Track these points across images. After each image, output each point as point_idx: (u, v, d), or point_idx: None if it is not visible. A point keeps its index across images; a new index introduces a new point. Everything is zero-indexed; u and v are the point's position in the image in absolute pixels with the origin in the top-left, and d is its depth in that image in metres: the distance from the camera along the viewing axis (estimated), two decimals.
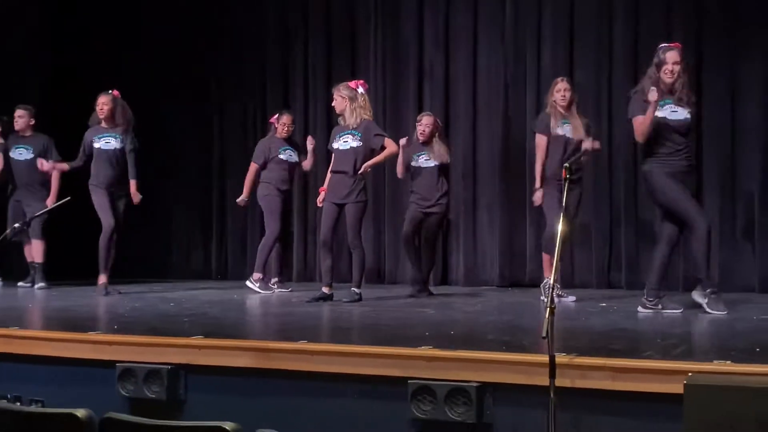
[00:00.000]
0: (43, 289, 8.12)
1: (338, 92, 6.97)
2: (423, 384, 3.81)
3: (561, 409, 3.48)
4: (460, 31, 8.92)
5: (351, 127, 6.91)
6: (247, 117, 9.91)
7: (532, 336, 4.50)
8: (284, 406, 4.15)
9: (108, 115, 7.65)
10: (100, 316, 5.71)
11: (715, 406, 3.25)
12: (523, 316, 5.89)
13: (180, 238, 10.15)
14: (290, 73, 9.71)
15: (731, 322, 5.35)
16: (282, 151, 8.05)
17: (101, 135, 7.68)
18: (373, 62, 9.27)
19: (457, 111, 8.90)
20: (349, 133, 6.92)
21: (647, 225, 7.97)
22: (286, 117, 8.17)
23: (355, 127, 6.90)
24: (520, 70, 8.66)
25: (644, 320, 5.55)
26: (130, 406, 4.26)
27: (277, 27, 9.77)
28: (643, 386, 3.57)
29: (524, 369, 3.75)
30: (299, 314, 6.03)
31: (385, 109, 9.17)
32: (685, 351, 4.03)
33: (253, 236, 9.73)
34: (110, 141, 7.66)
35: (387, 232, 9.13)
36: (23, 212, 8.21)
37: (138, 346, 4.50)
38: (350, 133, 6.92)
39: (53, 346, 4.68)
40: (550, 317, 3.44)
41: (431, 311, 6.17)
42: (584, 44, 8.42)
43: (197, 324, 5.35)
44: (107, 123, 7.69)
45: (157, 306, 6.58)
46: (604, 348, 4.20)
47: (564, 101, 6.88)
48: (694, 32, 8.00)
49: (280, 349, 4.26)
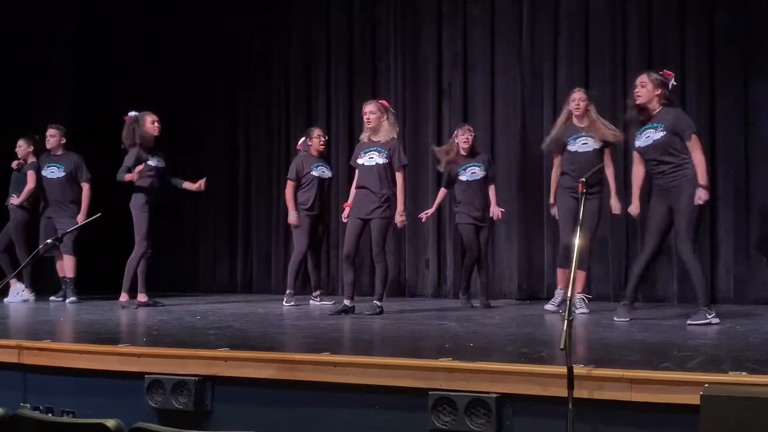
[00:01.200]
0: (74, 303, 8.26)
1: (375, 106, 7.04)
2: (443, 395, 3.86)
3: (579, 420, 3.52)
4: (478, 50, 9.05)
5: (380, 143, 7.00)
6: (272, 134, 10.06)
7: (550, 348, 4.55)
8: (307, 417, 4.22)
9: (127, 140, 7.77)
10: (129, 329, 5.81)
11: (731, 417, 3.28)
12: (541, 328, 5.94)
13: (206, 252, 10.30)
14: (312, 92, 9.85)
15: (746, 333, 5.40)
16: (314, 168, 8.17)
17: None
18: (393, 81, 9.40)
19: (476, 128, 8.93)
20: (375, 150, 7.00)
21: None
22: (317, 131, 8.29)
23: (383, 143, 6.99)
24: (537, 89, 8.76)
25: (660, 332, 5.60)
26: (158, 417, 4.33)
27: (301, 47, 9.92)
28: (660, 397, 3.60)
29: (543, 380, 3.79)
30: (322, 327, 6.12)
31: (405, 128, 9.27)
32: (701, 362, 4.07)
33: (277, 250, 9.87)
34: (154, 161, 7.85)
35: (408, 245, 9.22)
36: (54, 229, 8.35)
37: (166, 358, 4.57)
38: (376, 150, 6.99)
39: (84, 358, 4.76)
40: (568, 329, 3.50)
41: (451, 323, 6.25)
42: (599, 63, 8.51)
43: (223, 336, 5.43)
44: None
45: (183, 319, 6.68)
46: (622, 360, 4.25)
47: (578, 111, 6.93)
48: (707, 48, 8.08)
49: (303, 361, 4.33)
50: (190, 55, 10.17)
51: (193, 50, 10.16)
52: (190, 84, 10.07)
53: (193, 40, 10.18)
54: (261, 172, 10.02)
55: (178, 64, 10.20)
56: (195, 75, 10.09)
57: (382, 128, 6.99)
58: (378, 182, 6.94)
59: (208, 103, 10.19)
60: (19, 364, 4.89)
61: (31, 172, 8.65)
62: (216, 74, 10.11)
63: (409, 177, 9.03)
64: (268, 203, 9.88)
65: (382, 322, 6.45)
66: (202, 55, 10.13)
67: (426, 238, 9.18)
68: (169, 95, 9.91)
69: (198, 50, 10.15)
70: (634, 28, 8.39)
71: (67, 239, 8.20)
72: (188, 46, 10.19)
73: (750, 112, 7.91)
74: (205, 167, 10.08)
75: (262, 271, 10.04)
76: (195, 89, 10.07)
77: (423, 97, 9.28)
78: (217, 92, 10.14)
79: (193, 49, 10.16)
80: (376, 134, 7.01)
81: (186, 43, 10.21)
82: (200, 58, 10.12)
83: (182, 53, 10.21)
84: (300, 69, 9.92)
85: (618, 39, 8.44)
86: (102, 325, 6.29)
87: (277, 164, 9.92)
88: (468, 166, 7.57)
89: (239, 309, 7.69)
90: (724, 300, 7.73)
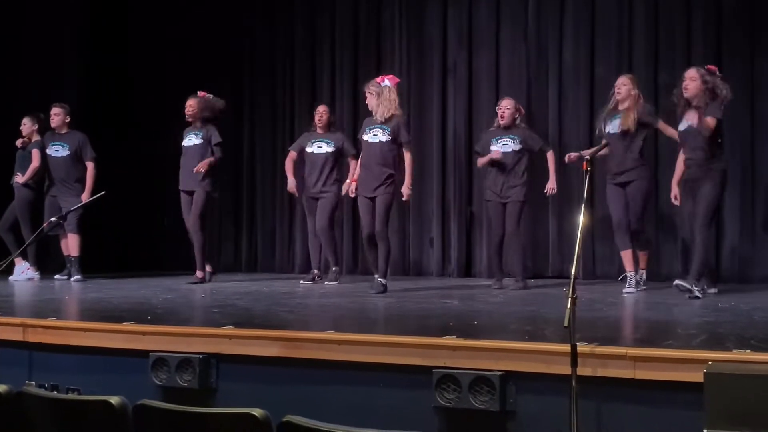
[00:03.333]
0: (79, 281, 8.28)
1: (367, 89, 7.14)
2: (447, 373, 3.87)
3: (583, 398, 3.54)
4: (483, 29, 9.00)
5: (380, 121, 7.03)
6: (276, 113, 10.04)
7: (554, 326, 4.56)
8: (312, 394, 4.23)
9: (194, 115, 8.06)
10: (134, 307, 5.83)
11: (734, 394, 3.29)
12: (545, 306, 5.95)
13: (211, 231, 10.27)
14: (317, 73, 9.82)
15: (750, 312, 5.40)
16: (311, 143, 8.14)
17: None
18: (398, 60, 9.35)
19: (481, 107, 8.96)
20: (378, 127, 7.06)
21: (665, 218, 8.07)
22: (319, 108, 8.29)
23: (383, 121, 7.02)
24: (542, 67, 8.73)
25: (665, 310, 5.61)
26: (163, 395, 4.34)
27: (305, 27, 9.88)
28: (663, 375, 3.61)
29: (546, 358, 3.80)
30: (327, 305, 6.14)
31: (410, 106, 9.25)
32: (704, 340, 4.08)
33: (282, 229, 9.88)
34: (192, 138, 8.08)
35: (412, 224, 9.22)
36: (59, 207, 8.33)
37: (170, 336, 4.58)
38: (380, 127, 7.06)
39: (89, 336, 4.77)
40: (572, 307, 3.51)
41: (455, 302, 6.25)
42: (605, 40, 8.48)
43: (227, 314, 5.46)
44: (193, 123, 8.09)
45: (188, 297, 6.70)
46: (626, 337, 4.26)
47: (619, 95, 6.89)
48: (714, 27, 8.04)
49: (307, 339, 4.35)
50: (194, 37, 10.12)
51: (197, 31, 10.11)
52: (195, 65, 10.03)
53: (198, 21, 10.13)
54: (265, 153, 10.01)
55: (183, 46, 10.16)
56: (199, 57, 10.05)
57: (376, 107, 7.04)
58: (381, 160, 6.98)
59: (212, 85, 10.12)
60: (24, 342, 4.90)
61: (36, 151, 8.65)
62: (220, 56, 10.07)
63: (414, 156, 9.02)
64: (273, 183, 9.86)
65: (387, 300, 6.46)
66: (207, 36, 10.08)
67: (430, 216, 9.17)
68: (174, 76, 9.88)
69: (202, 31, 10.10)
70: (641, 5, 8.34)
71: (72, 218, 8.21)
72: (193, 27, 10.14)
73: (755, 92, 7.87)
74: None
75: (267, 250, 10.05)
76: (199, 71, 10.03)
77: (428, 77, 9.24)
78: (222, 74, 10.10)
79: (198, 30, 10.11)
80: (377, 113, 7.06)
81: (191, 24, 10.16)
82: (205, 40, 10.07)
83: (187, 35, 10.16)
84: (304, 49, 9.88)
85: (624, 17, 8.40)
86: (107, 303, 6.32)
87: (282, 145, 9.89)
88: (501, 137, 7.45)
89: (244, 287, 7.71)
90: (729, 278, 7.72)
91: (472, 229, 9.05)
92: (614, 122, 6.88)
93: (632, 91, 6.84)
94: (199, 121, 8.09)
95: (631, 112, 6.78)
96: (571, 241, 8.51)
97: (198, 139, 8.06)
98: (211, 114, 8.15)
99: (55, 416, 3.28)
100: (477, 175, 8.68)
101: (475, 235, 9.03)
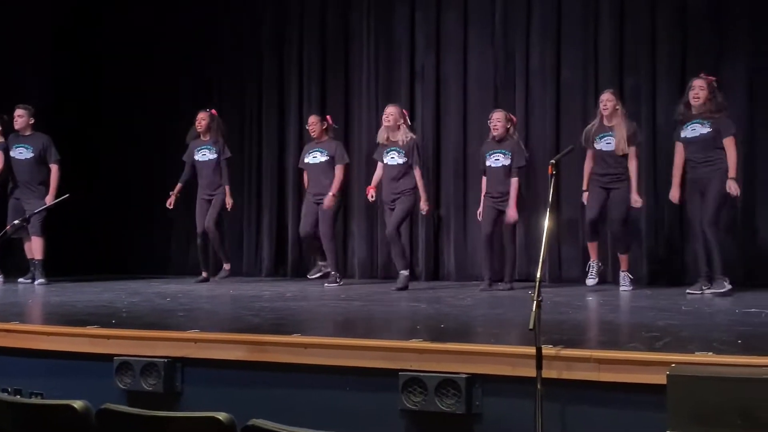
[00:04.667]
0: (43, 285, 8.20)
1: (395, 109, 7.88)
2: (414, 376, 3.87)
3: (548, 400, 3.55)
4: (450, 33, 9.04)
5: (399, 145, 7.76)
6: (244, 117, 10.01)
7: (520, 328, 4.57)
8: (278, 398, 4.22)
9: (205, 129, 8.57)
10: (98, 311, 5.78)
11: (697, 397, 3.32)
12: (511, 309, 5.97)
13: (179, 234, 10.22)
14: (285, 75, 9.80)
15: (713, 315, 5.47)
16: (307, 154, 8.40)
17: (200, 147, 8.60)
18: (366, 64, 9.37)
19: (448, 111, 9.00)
20: (394, 150, 7.76)
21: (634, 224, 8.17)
22: (310, 119, 8.51)
23: (401, 145, 7.75)
24: (509, 71, 8.78)
25: (629, 313, 5.66)
26: (127, 399, 4.31)
27: (272, 30, 9.86)
28: (627, 377, 3.63)
29: (512, 361, 3.81)
30: (294, 308, 6.12)
31: (378, 111, 9.27)
32: (668, 343, 4.11)
33: (249, 233, 9.84)
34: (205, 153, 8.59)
35: (379, 229, 9.22)
36: (23, 210, 8.26)
37: (135, 339, 4.55)
38: (395, 150, 7.75)
39: (52, 340, 4.72)
40: (537, 310, 3.54)
41: (423, 305, 6.26)
42: (571, 45, 8.55)
43: (193, 318, 5.43)
44: (204, 136, 8.59)
45: (153, 301, 6.65)
46: (590, 340, 4.29)
47: (606, 111, 7.23)
48: (679, 30, 8.14)
49: (273, 342, 4.32)
50: (160, 40, 10.07)
51: (165, 33, 10.06)
52: (164, 68, 9.99)
53: (167, 23, 10.08)
54: (234, 156, 9.93)
55: (147, 48, 10.09)
56: (166, 60, 10.00)
57: (400, 130, 7.80)
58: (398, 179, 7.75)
59: (180, 88, 10.09)
60: None
61: None
62: (188, 57, 10.01)
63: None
64: (240, 185, 9.83)
65: (354, 304, 6.46)
66: (175, 39, 10.03)
67: None
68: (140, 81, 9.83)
69: (170, 33, 10.05)
70: (606, 10, 8.42)
71: (35, 220, 8.14)
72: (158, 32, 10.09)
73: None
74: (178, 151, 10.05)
75: (234, 253, 9.97)
76: (166, 74, 9.99)
77: (396, 80, 9.27)
78: (190, 75, 10.05)
79: (166, 31, 10.06)
80: (394, 135, 7.77)
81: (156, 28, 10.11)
82: (172, 43, 10.02)
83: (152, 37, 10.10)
84: (272, 51, 9.85)
85: (590, 21, 8.48)
86: (71, 306, 6.26)
87: (249, 149, 9.90)
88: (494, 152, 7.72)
89: (210, 291, 7.66)
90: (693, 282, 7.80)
91: (439, 232, 9.08)
92: (604, 140, 7.29)
93: (617, 106, 7.26)
94: (209, 134, 8.58)
95: (621, 131, 7.21)
96: (537, 244, 8.61)
97: (211, 153, 8.58)
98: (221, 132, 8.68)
99: (18, 421, 3.25)
100: (444, 178, 8.72)
101: (443, 238, 9.06)
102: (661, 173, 8.13)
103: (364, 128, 9.31)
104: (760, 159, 7.86)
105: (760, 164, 7.84)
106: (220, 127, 8.71)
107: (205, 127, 8.60)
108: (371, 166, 9.18)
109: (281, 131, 9.78)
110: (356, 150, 9.34)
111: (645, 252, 8.17)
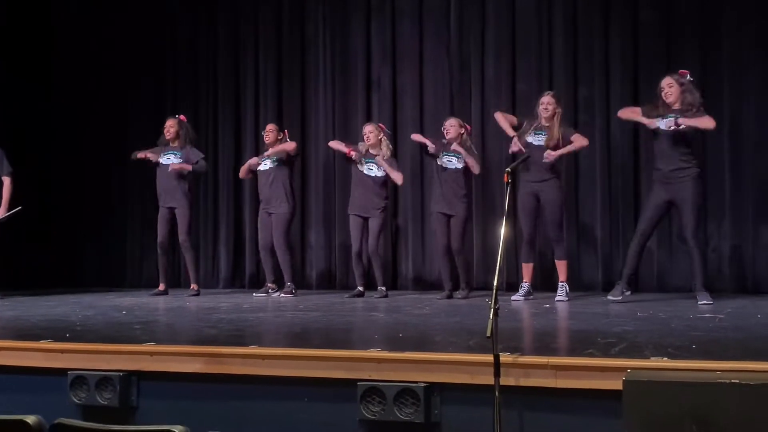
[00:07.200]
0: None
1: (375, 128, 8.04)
2: (372, 385, 3.87)
3: (506, 407, 3.58)
4: (406, 43, 9.07)
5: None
6: (199, 125, 9.90)
7: (477, 337, 4.59)
8: (236, 410, 4.19)
9: (174, 136, 8.44)
10: (52, 325, 5.68)
11: (653, 401, 3.36)
12: (469, 317, 5.99)
13: (133, 248, 10.09)
14: (241, 83, 9.75)
15: (667, 320, 5.54)
16: (262, 161, 8.40)
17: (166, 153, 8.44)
18: (323, 74, 9.36)
19: (405, 121, 9.03)
20: (373, 162, 7.92)
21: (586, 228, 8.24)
22: (267, 126, 8.53)
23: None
24: (465, 81, 8.84)
25: (585, 320, 5.71)
26: (82, 414, 4.25)
27: (228, 38, 9.80)
28: (584, 383, 3.67)
29: (470, 369, 3.83)
30: (252, 320, 6.08)
31: (335, 120, 9.28)
32: (624, 349, 4.15)
33: (205, 243, 9.75)
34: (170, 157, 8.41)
35: (337, 239, 9.21)
36: None
37: (89, 353, 4.50)
38: (374, 162, 7.91)
39: (4, 355, 4.65)
40: (494, 318, 3.57)
41: (381, 314, 6.26)
42: (526, 55, 8.63)
43: (149, 331, 5.37)
44: (173, 143, 8.46)
45: (109, 314, 6.57)
46: (547, 347, 4.32)
47: (546, 113, 7.22)
48: (631, 41, 8.27)
49: (231, 354, 4.30)
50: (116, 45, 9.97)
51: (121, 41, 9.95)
52: (116, 76, 9.88)
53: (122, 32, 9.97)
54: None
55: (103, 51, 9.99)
56: (120, 67, 9.90)
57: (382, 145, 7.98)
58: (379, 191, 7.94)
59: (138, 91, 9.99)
60: None
61: None
62: (141, 64, 9.92)
63: (339, 169, 9.07)
64: (196, 195, 9.73)
65: (311, 314, 6.44)
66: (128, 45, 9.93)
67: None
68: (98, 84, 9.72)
69: (125, 41, 9.94)
70: (559, 21, 8.52)
71: None
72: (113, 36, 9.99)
73: None
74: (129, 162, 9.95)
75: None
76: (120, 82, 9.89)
77: (352, 90, 9.27)
78: (144, 86, 9.96)
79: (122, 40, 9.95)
80: (376, 150, 7.92)
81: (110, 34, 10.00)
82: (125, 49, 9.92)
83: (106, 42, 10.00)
84: (227, 61, 9.79)
85: (544, 33, 8.57)
86: (24, 320, 6.15)
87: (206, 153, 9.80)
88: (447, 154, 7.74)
89: (166, 303, 7.58)
90: (647, 288, 7.91)
91: (397, 242, 9.09)
92: (538, 136, 7.23)
93: (557, 109, 7.25)
94: (177, 141, 8.44)
95: (555, 129, 7.18)
96: (494, 252, 8.65)
97: (177, 158, 8.38)
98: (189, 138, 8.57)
99: None
100: (401, 188, 8.74)
101: (400, 248, 9.07)
102: (615, 184, 8.22)
103: (321, 137, 9.28)
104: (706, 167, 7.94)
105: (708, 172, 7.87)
106: (189, 133, 8.57)
107: (173, 134, 8.46)
108: (328, 175, 9.21)
109: (237, 140, 9.72)
110: (312, 158, 9.33)
111: (600, 260, 8.25)
